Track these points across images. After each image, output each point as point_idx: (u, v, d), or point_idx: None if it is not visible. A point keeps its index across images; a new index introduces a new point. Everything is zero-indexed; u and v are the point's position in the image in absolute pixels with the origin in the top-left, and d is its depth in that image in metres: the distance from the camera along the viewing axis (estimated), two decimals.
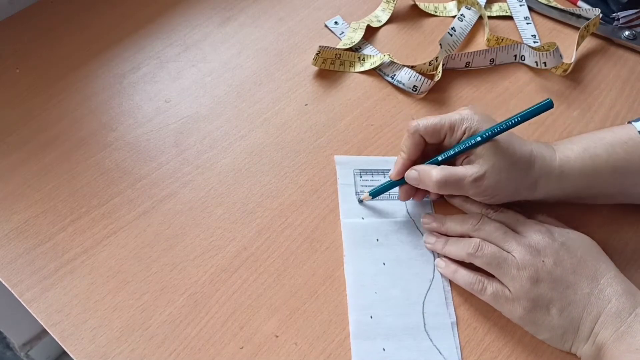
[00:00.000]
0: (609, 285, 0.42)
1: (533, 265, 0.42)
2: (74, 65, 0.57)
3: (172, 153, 0.52)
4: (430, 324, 0.44)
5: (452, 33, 0.60)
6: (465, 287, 0.45)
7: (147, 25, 0.61)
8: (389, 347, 0.43)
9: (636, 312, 0.40)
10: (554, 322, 0.42)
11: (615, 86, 0.59)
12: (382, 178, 0.51)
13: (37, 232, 0.47)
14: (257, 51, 0.60)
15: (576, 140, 0.48)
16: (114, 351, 0.42)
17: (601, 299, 0.41)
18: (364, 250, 0.47)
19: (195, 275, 0.45)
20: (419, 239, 0.48)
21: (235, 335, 0.43)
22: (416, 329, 0.44)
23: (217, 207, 0.49)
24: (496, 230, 0.45)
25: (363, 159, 0.52)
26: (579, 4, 0.66)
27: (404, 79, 0.57)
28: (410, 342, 0.43)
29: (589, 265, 0.43)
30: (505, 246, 0.44)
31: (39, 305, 0.43)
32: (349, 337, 0.43)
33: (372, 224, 0.48)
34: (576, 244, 0.44)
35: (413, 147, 0.47)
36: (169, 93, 0.56)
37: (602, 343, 0.40)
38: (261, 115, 0.55)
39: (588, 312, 0.41)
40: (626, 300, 0.41)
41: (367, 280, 0.45)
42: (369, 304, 0.44)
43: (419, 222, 0.49)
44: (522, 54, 0.60)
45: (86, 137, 0.53)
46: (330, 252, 0.47)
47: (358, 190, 0.50)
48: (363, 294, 0.45)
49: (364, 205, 0.49)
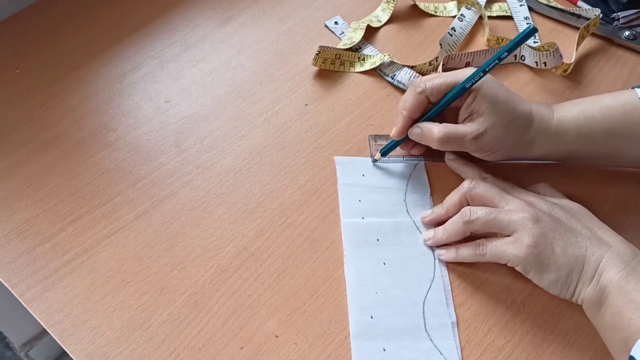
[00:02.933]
0: (607, 235, 0.43)
1: (531, 211, 0.43)
2: (74, 65, 0.57)
3: (172, 153, 0.52)
4: (431, 324, 0.44)
5: (452, 33, 0.60)
6: (470, 259, 0.45)
7: (147, 25, 0.61)
8: (389, 347, 0.43)
9: (638, 258, 0.41)
10: (559, 260, 0.42)
11: (615, 86, 0.59)
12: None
13: (37, 232, 0.47)
14: (257, 51, 0.60)
15: (576, 102, 0.49)
16: (114, 351, 0.42)
17: (602, 244, 0.42)
18: (365, 250, 0.47)
19: (196, 275, 0.45)
20: (419, 239, 0.48)
21: (235, 335, 0.43)
22: (416, 329, 0.44)
23: (217, 207, 0.49)
24: (491, 188, 0.46)
25: (363, 160, 0.52)
26: (579, 4, 0.66)
27: (404, 79, 0.57)
28: (411, 343, 0.43)
29: (583, 220, 0.44)
30: (501, 203, 0.45)
31: (39, 305, 0.43)
32: (349, 337, 0.43)
33: (373, 223, 0.48)
34: (569, 206, 0.46)
35: (417, 106, 0.48)
36: (169, 93, 0.56)
37: (606, 283, 0.40)
38: (261, 115, 0.55)
39: (591, 253, 0.41)
40: (626, 247, 0.42)
41: (367, 280, 0.45)
42: (369, 304, 0.44)
43: (419, 222, 0.49)
44: (522, 54, 0.60)
45: (86, 137, 0.53)
46: (330, 252, 0.47)
47: (372, 153, 0.52)
48: (363, 294, 0.45)
49: (377, 166, 0.51)
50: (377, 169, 0.52)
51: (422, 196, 0.50)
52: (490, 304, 0.45)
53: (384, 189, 0.50)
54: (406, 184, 0.51)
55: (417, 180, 0.51)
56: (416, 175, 0.51)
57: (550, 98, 0.57)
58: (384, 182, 0.51)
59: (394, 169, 0.52)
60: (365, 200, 0.50)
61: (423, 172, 0.52)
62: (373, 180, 0.51)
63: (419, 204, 0.50)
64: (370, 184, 0.51)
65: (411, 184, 0.51)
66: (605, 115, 0.47)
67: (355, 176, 0.51)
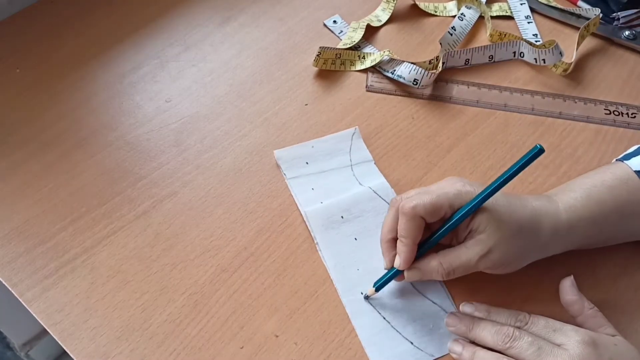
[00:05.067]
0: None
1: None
2: (75, 65, 0.57)
3: (173, 153, 0.52)
4: (418, 283, 0.45)
5: (452, 32, 0.60)
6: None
7: (147, 25, 0.61)
8: (387, 314, 0.44)
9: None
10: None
11: (615, 86, 0.59)
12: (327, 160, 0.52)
13: (38, 231, 0.47)
14: (258, 51, 0.60)
15: (575, 187, 0.46)
16: (114, 351, 0.42)
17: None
18: (333, 232, 0.47)
19: (196, 275, 0.45)
20: (381, 203, 0.48)
21: (235, 335, 0.43)
22: (407, 290, 0.45)
23: (217, 206, 0.49)
24: (530, 346, 0.39)
25: (302, 146, 0.52)
26: (579, 3, 0.66)
27: (404, 73, 0.57)
28: (405, 302, 0.44)
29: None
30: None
31: (39, 305, 0.43)
32: (349, 337, 0.43)
33: (332, 203, 0.49)
34: (624, 358, 0.39)
35: (416, 230, 0.42)
36: (170, 93, 0.56)
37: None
38: (261, 115, 0.55)
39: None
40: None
41: (345, 260, 0.46)
42: (356, 282, 0.45)
43: (375, 187, 0.49)
44: (521, 50, 0.60)
45: (86, 137, 0.53)
46: None
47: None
48: (347, 275, 0.45)
49: (369, 301, 0.45)
50: (318, 153, 0.52)
51: (368, 165, 0.51)
52: (490, 304, 0.45)
53: (331, 171, 0.51)
54: (349, 159, 0.51)
55: (358, 153, 0.52)
56: (355, 149, 0.52)
57: (550, 98, 0.57)
58: (328, 164, 0.51)
59: (333, 147, 0.52)
60: (317, 186, 0.50)
61: (361, 142, 0.53)
62: (318, 165, 0.51)
63: (367, 173, 0.51)
64: (316, 170, 0.51)
65: (353, 158, 0.52)
66: (615, 197, 0.44)
67: (299, 166, 0.51)
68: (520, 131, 0.55)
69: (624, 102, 0.58)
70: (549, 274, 0.46)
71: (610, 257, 0.47)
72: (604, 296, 0.45)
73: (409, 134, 0.54)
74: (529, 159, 0.40)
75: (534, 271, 0.45)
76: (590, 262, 0.47)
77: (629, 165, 0.46)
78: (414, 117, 0.55)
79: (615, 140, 0.55)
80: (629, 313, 0.45)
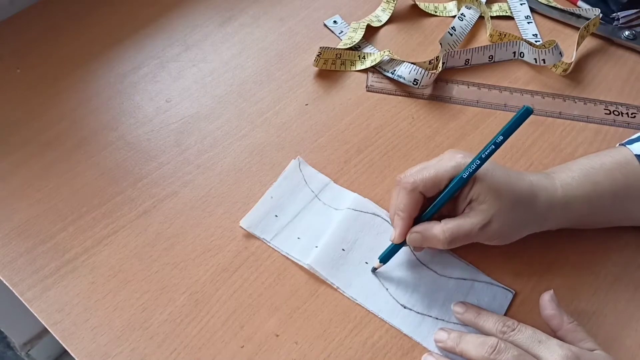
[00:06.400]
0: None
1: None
2: (75, 65, 0.58)
3: (173, 153, 0.52)
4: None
5: (452, 32, 0.61)
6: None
7: (148, 25, 0.61)
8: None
9: None
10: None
11: (615, 86, 0.59)
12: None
13: (38, 231, 0.47)
14: (258, 51, 0.60)
15: (574, 167, 0.46)
16: (115, 350, 0.42)
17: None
18: (343, 268, 0.46)
19: (196, 275, 0.45)
20: (366, 217, 0.48)
21: (235, 334, 0.43)
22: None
23: (217, 206, 0.49)
24: (515, 359, 0.39)
25: (262, 206, 0.49)
26: (579, 4, 0.66)
27: (404, 73, 0.57)
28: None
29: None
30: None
31: (40, 304, 0.44)
32: (349, 336, 0.43)
33: (327, 242, 0.47)
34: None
35: (414, 205, 0.43)
36: (170, 93, 0.56)
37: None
38: (262, 115, 0.55)
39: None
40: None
41: (371, 289, 0.45)
42: (392, 304, 0.44)
43: (354, 205, 0.49)
44: (521, 50, 0.60)
45: (87, 137, 0.53)
46: None
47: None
48: (382, 301, 0.45)
49: (376, 274, 0.46)
50: (280, 200, 0.49)
51: (330, 187, 0.50)
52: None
53: (303, 210, 0.49)
54: (310, 190, 0.50)
55: (315, 180, 0.50)
56: (309, 177, 0.51)
57: (550, 98, 0.57)
58: (295, 205, 0.49)
59: (289, 186, 0.50)
60: (300, 233, 0.48)
61: (310, 169, 0.51)
62: (287, 211, 0.49)
63: (334, 195, 0.50)
64: (289, 217, 0.48)
65: (313, 188, 0.50)
66: (610, 179, 0.45)
67: (272, 223, 0.48)
68: (520, 131, 0.54)
69: (624, 102, 0.58)
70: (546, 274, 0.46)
71: (610, 257, 0.47)
72: (603, 296, 0.46)
73: (409, 134, 0.54)
74: (517, 119, 0.41)
75: (534, 271, 0.45)
76: (591, 261, 0.47)
77: (630, 149, 0.46)
78: (414, 117, 0.56)
79: (615, 140, 0.55)
80: (629, 313, 0.45)
